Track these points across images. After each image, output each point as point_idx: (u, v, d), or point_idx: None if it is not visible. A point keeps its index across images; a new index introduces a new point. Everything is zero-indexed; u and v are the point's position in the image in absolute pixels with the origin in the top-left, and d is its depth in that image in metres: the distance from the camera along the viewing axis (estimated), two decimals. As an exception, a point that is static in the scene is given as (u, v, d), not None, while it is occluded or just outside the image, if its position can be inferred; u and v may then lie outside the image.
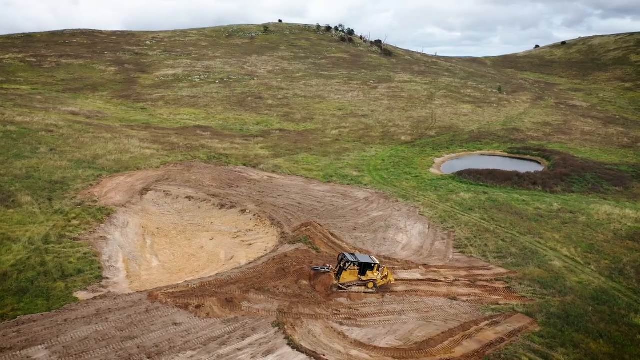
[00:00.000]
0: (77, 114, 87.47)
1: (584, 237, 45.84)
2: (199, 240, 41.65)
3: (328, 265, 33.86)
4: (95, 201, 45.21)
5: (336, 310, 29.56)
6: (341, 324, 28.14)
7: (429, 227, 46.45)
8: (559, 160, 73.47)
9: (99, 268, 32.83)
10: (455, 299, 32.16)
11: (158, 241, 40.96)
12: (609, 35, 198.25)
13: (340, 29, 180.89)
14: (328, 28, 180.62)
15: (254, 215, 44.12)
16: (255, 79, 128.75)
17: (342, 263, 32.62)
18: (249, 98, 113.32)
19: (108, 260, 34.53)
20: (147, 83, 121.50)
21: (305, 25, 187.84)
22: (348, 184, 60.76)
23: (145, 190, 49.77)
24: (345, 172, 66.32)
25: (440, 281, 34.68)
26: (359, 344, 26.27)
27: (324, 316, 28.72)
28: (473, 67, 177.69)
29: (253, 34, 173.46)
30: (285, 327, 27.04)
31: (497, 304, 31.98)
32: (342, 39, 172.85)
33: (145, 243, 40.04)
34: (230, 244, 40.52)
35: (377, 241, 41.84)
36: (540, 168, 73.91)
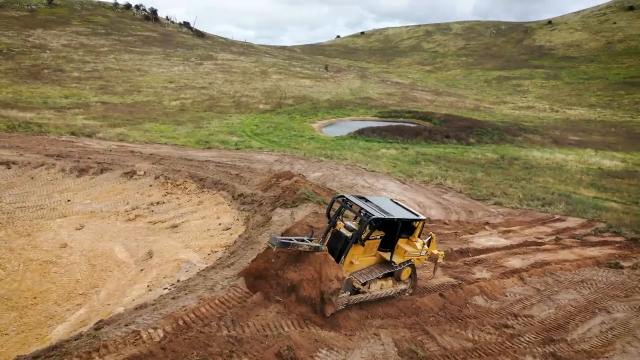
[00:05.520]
0: None
1: (574, 179, 35.69)
2: (51, 234, 19.62)
3: (309, 234, 13.46)
4: None
5: (497, 324, 12.19)
6: (556, 356, 10.94)
7: (401, 182, 31.27)
8: (446, 117, 65.27)
9: None
10: (618, 266, 17.46)
11: (-44, 245, 17.85)
12: (400, 27, 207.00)
13: (141, 7, 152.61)
14: (128, 6, 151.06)
15: (156, 177, 23.11)
16: (48, 51, 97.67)
17: (339, 222, 13.53)
18: (45, 70, 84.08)
19: None
20: None
21: (100, 2, 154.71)
22: (237, 149, 42.48)
23: None
24: (223, 138, 47.87)
25: (543, 243, 19.59)
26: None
27: (500, 348, 11.15)
28: (286, 52, 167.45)
29: (33, 6, 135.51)
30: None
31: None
32: (147, 18, 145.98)
33: None
34: (126, 231, 19.48)
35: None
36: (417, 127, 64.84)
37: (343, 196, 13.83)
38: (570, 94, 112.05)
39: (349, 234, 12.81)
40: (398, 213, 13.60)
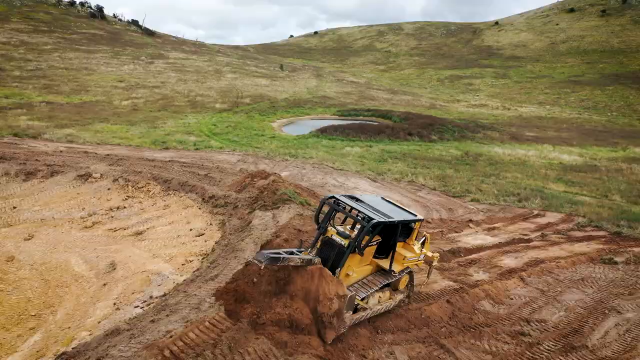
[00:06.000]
0: None
1: (540, 174, 35.75)
2: (-5, 247, 17.22)
3: (298, 244, 12.89)
4: None
5: (511, 332, 11.12)
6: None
7: (372, 180, 30.33)
8: (406, 115, 65.15)
9: None
10: (612, 262, 16.93)
11: None
12: (352, 27, 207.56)
13: (87, 4, 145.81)
14: (72, 3, 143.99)
15: (115, 180, 20.96)
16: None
17: (329, 228, 11.96)
18: (-18, 69, 78.34)
19: None
20: None
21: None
22: (197, 149, 40.49)
23: None
24: (181, 138, 45.62)
25: (531, 240, 18.96)
26: None
27: (522, 359, 10.05)
28: (239, 51, 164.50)
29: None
30: None
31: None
32: (93, 15, 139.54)
33: None
34: (83, 240, 17.36)
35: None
36: (379, 125, 64.40)
37: (334, 197, 12.28)
38: (519, 92, 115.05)
39: (343, 242, 11.22)
40: (397, 214, 12.19)
